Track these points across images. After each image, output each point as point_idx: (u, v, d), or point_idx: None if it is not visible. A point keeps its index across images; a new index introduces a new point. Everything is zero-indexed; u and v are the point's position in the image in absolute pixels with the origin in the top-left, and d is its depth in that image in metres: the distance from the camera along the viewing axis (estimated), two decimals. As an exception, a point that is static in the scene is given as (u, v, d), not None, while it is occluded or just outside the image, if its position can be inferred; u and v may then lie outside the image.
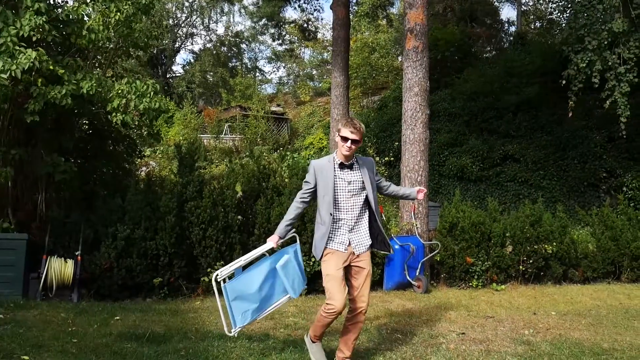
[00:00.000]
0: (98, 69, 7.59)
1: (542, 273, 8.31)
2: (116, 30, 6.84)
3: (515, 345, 4.87)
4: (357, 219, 3.90)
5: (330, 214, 3.81)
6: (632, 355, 4.62)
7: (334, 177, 3.86)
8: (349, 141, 3.77)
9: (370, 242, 3.96)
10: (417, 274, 7.50)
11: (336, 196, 3.85)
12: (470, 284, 7.82)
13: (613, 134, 13.30)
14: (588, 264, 8.60)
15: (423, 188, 4.22)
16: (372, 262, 4.47)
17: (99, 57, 7.81)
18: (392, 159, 14.60)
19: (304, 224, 6.91)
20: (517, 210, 8.67)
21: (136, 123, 7.05)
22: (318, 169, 3.90)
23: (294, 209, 3.97)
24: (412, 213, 8.02)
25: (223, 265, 6.48)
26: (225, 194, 6.91)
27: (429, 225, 8.48)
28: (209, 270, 6.55)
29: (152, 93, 6.52)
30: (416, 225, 7.99)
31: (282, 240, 4.00)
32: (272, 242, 3.94)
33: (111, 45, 7.49)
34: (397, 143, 13.87)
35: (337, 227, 3.86)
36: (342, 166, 3.89)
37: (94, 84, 6.23)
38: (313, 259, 6.77)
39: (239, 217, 6.97)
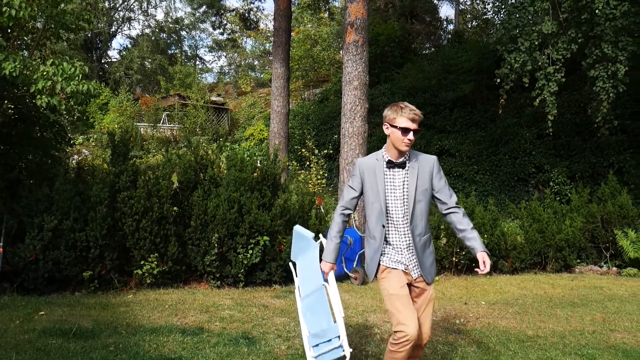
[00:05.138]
0: (25, 51, 7.16)
1: (474, 264, 8.60)
2: (42, 9, 6.46)
3: (446, 334, 5.01)
4: (414, 234, 3.15)
5: (383, 226, 3.12)
6: (553, 341, 4.86)
7: (384, 179, 3.13)
8: (410, 133, 3.02)
9: (430, 263, 3.23)
10: (354, 266, 7.59)
11: (388, 203, 3.13)
12: (406, 275, 7.98)
13: (541, 131, 13.92)
14: (516, 255, 8.98)
15: (487, 259, 3.36)
16: None
17: (25, 38, 7.36)
18: (331, 151, 14.72)
19: (241, 215, 6.82)
20: (451, 204, 8.89)
21: (63, 107, 6.70)
22: (365, 170, 3.16)
23: (339, 224, 3.27)
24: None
25: (157, 258, 6.37)
26: (161, 184, 6.71)
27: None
28: (142, 262, 6.36)
29: (80, 76, 6.20)
30: (354, 217, 8.06)
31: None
32: (332, 271, 3.32)
33: (39, 26, 7.08)
34: (336, 136, 13.95)
35: (390, 243, 3.16)
36: (390, 164, 3.13)
37: (18, 65, 5.85)
38: (251, 251, 6.70)
39: (175, 208, 6.80)
